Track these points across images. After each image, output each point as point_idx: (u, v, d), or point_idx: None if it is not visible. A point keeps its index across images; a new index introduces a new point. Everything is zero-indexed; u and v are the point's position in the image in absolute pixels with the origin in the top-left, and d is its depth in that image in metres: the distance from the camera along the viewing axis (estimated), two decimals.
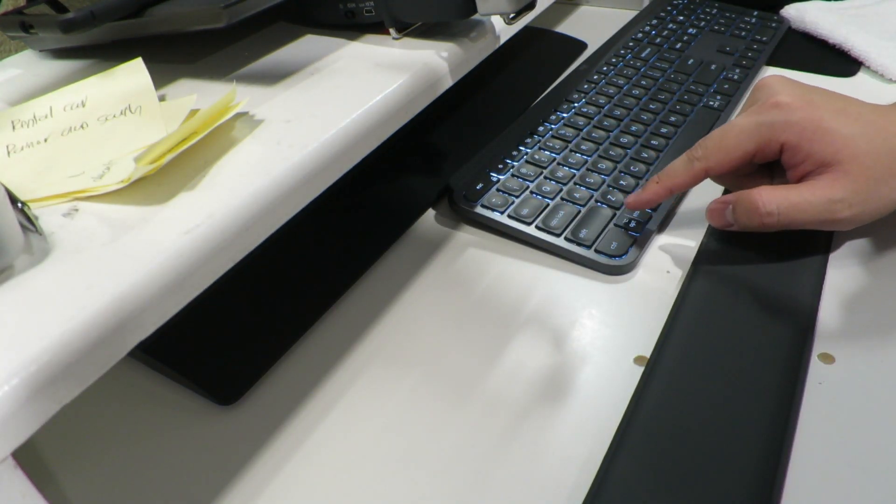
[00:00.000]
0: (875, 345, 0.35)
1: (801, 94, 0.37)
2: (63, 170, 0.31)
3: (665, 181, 0.40)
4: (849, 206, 0.35)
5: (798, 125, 0.36)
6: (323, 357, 0.37)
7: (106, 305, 0.23)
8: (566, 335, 0.37)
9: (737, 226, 0.38)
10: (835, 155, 0.35)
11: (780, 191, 0.37)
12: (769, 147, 0.37)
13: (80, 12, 0.33)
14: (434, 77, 0.39)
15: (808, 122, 0.35)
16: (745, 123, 0.37)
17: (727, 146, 0.37)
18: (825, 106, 0.36)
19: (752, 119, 0.37)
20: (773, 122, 0.36)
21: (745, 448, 0.29)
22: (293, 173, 0.30)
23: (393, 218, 0.46)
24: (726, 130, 0.38)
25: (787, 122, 0.36)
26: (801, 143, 0.36)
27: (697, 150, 0.39)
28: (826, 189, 0.35)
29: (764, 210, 0.36)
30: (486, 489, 0.30)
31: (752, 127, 0.37)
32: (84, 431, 0.34)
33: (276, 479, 0.31)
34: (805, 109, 0.36)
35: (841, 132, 0.35)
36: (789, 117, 0.36)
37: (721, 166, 0.38)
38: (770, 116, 0.36)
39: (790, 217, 0.36)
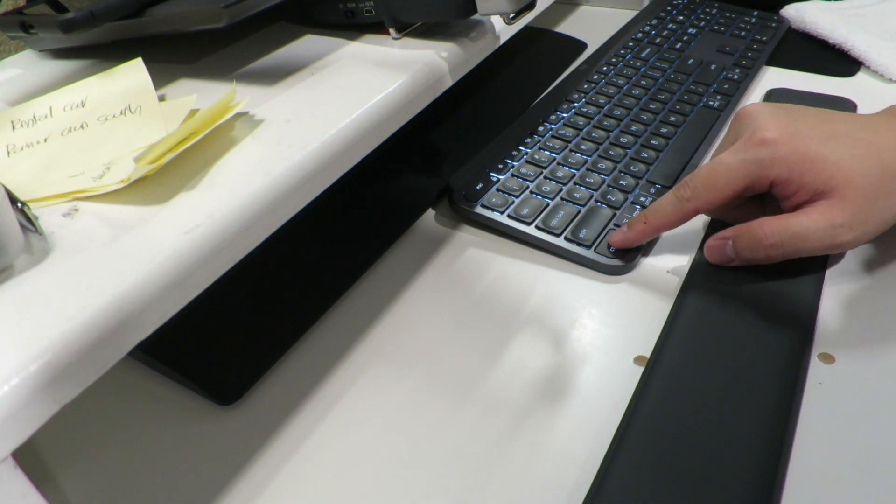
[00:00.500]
0: (875, 345, 0.35)
1: (787, 124, 0.36)
2: (63, 170, 0.31)
3: (652, 221, 0.39)
4: (850, 229, 0.35)
5: (786, 160, 0.35)
6: (323, 357, 0.37)
7: (106, 305, 0.23)
8: (566, 335, 0.37)
9: (738, 260, 0.38)
10: (827, 182, 0.35)
11: (781, 221, 0.36)
12: (759, 183, 0.36)
13: (80, 12, 0.33)
14: (434, 77, 0.39)
15: (796, 154, 0.35)
16: (733, 162, 0.37)
17: (715, 185, 0.37)
18: (811, 134, 0.36)
19: (738, 157, 0.37)
20: (761, 159, 0.36)
21: (745, 448, 0.29)
22: (293, 173, 0.30)
23: (393, 218, 0.46)
24: (713, 169, 0.37)
25: (774, 159, 0.36)
26: (792, 177, 0.35)
27: (686, 190, 0.38)
28: (825, 215, 0.35)
29: (767, 242, 0.36)
30: (486, 489, 0.30)
31: (740, 165, 0.36)
32: (84, 431, 0.34)
33: (276, 479, 0.31)
34: (791, 142, 0.36)
35: (831, 158, 0.35)
36: (776, 153, 0.36)
37: (710, 205, 0.38)
38: (757, 154, 0.36)
39: (794, 246, 0.36)
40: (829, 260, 0.40)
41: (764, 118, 0.37)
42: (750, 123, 0.37)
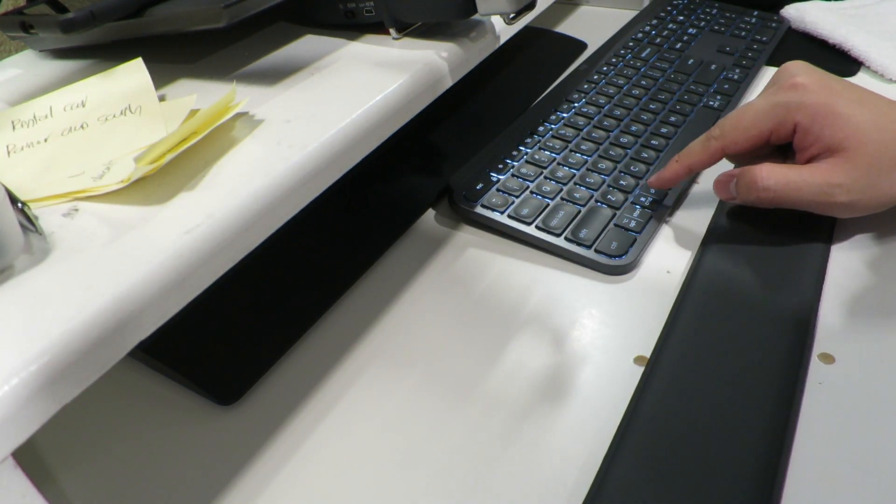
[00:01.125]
0: (875, 345, 0.35)
1: (820, 78, 0.37)
2: (63, 170, 0.31)
3: (684, 160, 0.41)
4: (847, 191, 0.35)
5: (812, 107, 0.36)
6: (323, 357, 0.37)
7: (106, 305, 0.23)
8: (566, 335, 0.37)
9: (738, 198, 0.39)
10: (842, 141, 0.35)
11: (782, 169, 0.37)
12: (783, 127, 0.37)
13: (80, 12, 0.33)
14: (434, 77, 0.39)
15: (821, 105, 0.36)
16: (762, 104, 0.38)
17: (744, 125, 0.38)
18: (842, 93, 0.37)
19: (768, 100, 0.38)
20: (788, 102, 0.37)
21: (745, 448, 0.29)
22: (293, 173, 0.30)
23: (393, 218, 0.46)
24: (743, 110, 0.38)
25: (801, 104, 0.36)
26: (813, 126, 0.36)
27: (715, 130, 0.39)
28: (826, 172, 0.36)
29: (762, 185, 0.37)
30: (486, 489, 0.30)
31: (769, 107, 0.37)
32: (84, 431, 0.34)
33: (276, 479, 0.31)
34: (820, 93, 0.36)
35: (852, 119, 0.35)
36: (804, 98, 0.36)
37: (737, 145, 0.39)
38: (786, 97, 0.37)
39: (786, 195, 0.37)
40: (830, 259, 0.40)
41: (801, 70, 0.38)
42: (786, 73, 0.39)
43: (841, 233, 0.41)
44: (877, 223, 0.42)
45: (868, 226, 0.42)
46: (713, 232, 0.42)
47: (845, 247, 0.41)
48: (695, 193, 0.46)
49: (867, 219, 0.42)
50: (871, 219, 0.42)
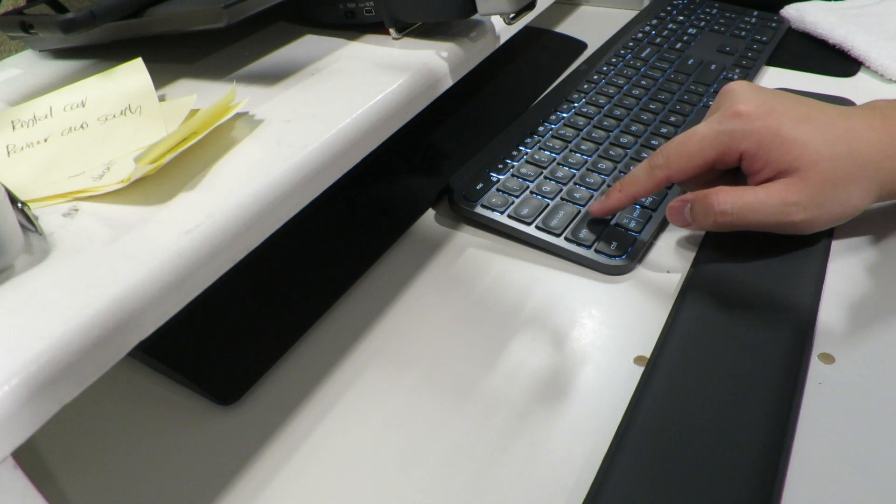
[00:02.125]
0: (875, 345, 0.35)
1: (763, 101, 0.37)
2: (63, 170, 0.31)
3: (628, 188, 0.40)
4: (803, 209, 0.35)
5: (757, 134, 0.36)
6: (323, 357, 0.37)
7: (106, 305, 0.23)
8: (566, 335, 0.37)
9: (694, 225, 0.39)
10: (793, 162, 0.35)
11: (737, 192, 0.37)
12: (729, 155, 0.37)
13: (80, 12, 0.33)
14: (434, 77, 0.39)
15: (766, 130, 0.36)
16: (706, 131, 0.37)
17: (687, 154, 0.38)
18: (787, 113, 0.36)
19: (712, 127, 0.37)
20: (733, 130, 0.36)
21: (745, 448, 0.29)
22: (293, 173, 0.30)
23: (393, 218, 0.46)
24: (687, 138, 0.38)
25: (745, 131, 0.36)
26: (760, 152, 0.36)
27: (658, 158, 0.39)
28: (782, 192, 0.36)
29: (718, 209, 0.37)
30: (486, 489, 0.30)
31: (713, 135, 0.37)
32: (84, 431, 0.34)
33: (276, 479, 0.31)
34: (764, 118, 0.36)
35: (800, 139, 0.35)
36: (748, 126, 0.36)
37: (682, 174, 0.38)
38: (730, 125, 0.37)
39: (744, 217, 0.37)
40: (830, 260, 0.40)
41: (743, 94, 0.38)
42: (729, 97, 0.38)
43: (841, 233, 0.41)
44: (876, 224, 0.42)
45: (868, 227, 0.42)
46: (713, 232, 0.42)
47: (845, 247, 0.41)
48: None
49: (867, 220, 0.42)
50: (871, 220, 0.42)
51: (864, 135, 0.36)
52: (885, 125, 0.36)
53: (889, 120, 0.37)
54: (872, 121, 0.37)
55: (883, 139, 0.36)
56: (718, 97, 0.40)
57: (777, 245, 0.40)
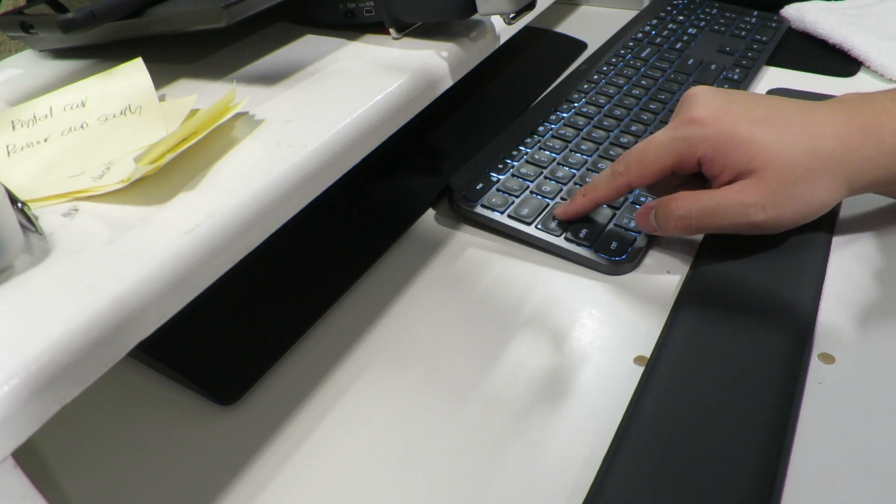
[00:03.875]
0: (875, 345, 0.35)
1: (720, 106, 0.37)
2: (63, 170, 0.31)
3: (591, 194, 0.41)
4: (763, 209, 0.35)
5: (711, 139, 0.36)
6: (323, 357, 0.37)
7: (106, 305, 0.23)
8: (566, 335, 0.37)
9: (660, 230, 0.39)
10: (749, 163, 0.35)
11: (696, 196, 0.37)
12: (687, 161, 0.37)
13: (80, 12, 0.33)
14: (434, 77, 0.39)
15: (721, 134, 0.36)
16: (663, 139, 0.38)
17: (646, 161, 0.38)
18: (742, 115, 0.36)
19: (669, 134, 0.38)
20: (689, 136, 0.37)
21: (745, 448, 0.29)
22: (293, 173, 0.30)
23: (393, 218, 0.46)
24: (646, 145, 0.38)
25: (700, 137, 0.36)
26: (717, 156, 0.36)
27: (620, 165, 0.39)
28: (740, 193, 0.36)
29: (677, 213, 0.37)
30: (486, 489, 0.30)
31: (669, 142, 0.37)
32: (84, 431, 0.34)
33: (276, 479, 0.31)
34: (718, 122, 0.36)
35: (755, 140, 0.35)
36: (703, 132, 0.36)
37: (641, 180, 0.39)
38: (685, 132, 0.37)
39: (704, 221, 0.37)
40: (830, 260, 0.40)
41: (701, 99, 0.38)
42: (687, 103, 0.39)
43: (841, 233, 0.41)
44: (876, 223, 0.42)
45: (868, 226, 0.42)
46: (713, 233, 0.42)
47: (845, 247, 0.41)
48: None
49: (867, 219, 0.42)
50: (871, 219, 0.42)
51: (828, 129, 0.36)
52: (852, 117, 0.36)
53: (856, 112, 0.36)
54: (838, 114, 0.36)
55: (849, 132, 0.36)
56: (679, 103, 0.40)
57: (777, 245, 0.40)
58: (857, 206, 0.43)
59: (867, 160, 0.35)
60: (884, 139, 0.35)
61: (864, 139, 0.35)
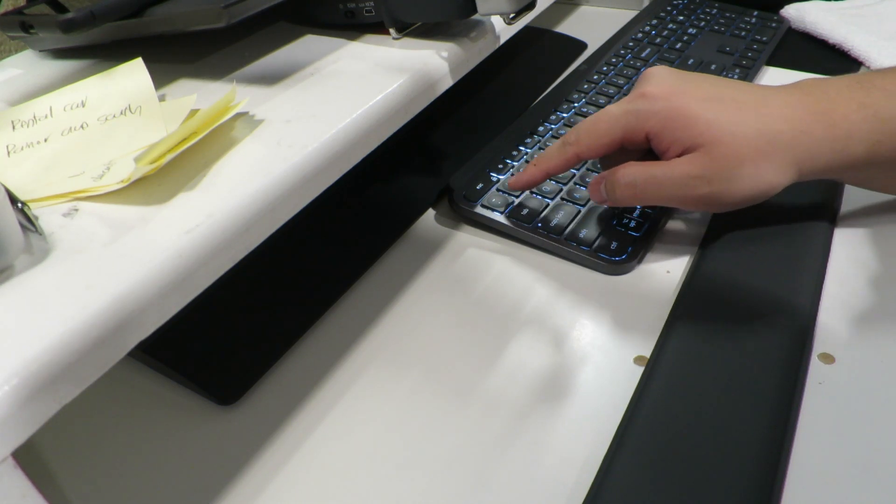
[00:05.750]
0: (875, 345, 0.35)
1: (673, 83, 0.38)
2: (63, 170, 0.31)
3: (541, 164, 0.41)
4: (707, 182, 0.36)
5: (660, 114, 0.37)
6: (323, 357, 0.37)
7: (106, 305, 0.23)
8: (566, 335, 0.37)
9: (609, 200, 0.40)
10: (696, 139, 0.36)
11: (643, 165, 0.38)
12: (636, 134, 0.38)
13: (80, 12, 0.33)
14: (434, 77, 0.39)
15: (669, 110, 0.36)
16: (615, 111, 0.38)
17: (597, 132, 0.39)
18: (694, 93, 0.37)
19: (620, 107, 0.38)
20: (639, 110, 0.37)
21: (745, 448, 0.29)
22: (293, 173, 0.30)
23: (393, 218, 0.46)
24: (597, 117, 0.39)
25: (650, 111, 0.37)
26: (664, 131, 0.37)
27: (571, 136, 0.40)
28: (685, 165, 0.36)
29: (623, 181, 0.38)
30: (486, 489, 0.30)
31: (620, 114, 0.38)
32: (84, 431, 0.34)
33: (276, 479, 0.31)
34: (669, 99, 0.37)
35: (704, 117, 0.36)
36: (652, 107, 0.37)
37: (591, 151, 0.39)
38: (636, 105, 0.38)
39: (648, 190, 0.38)
40: (830, 260, 0.40)
41: (656, 76, 0.38)
42: (643, 80, 0.39)
43: (841, 232, 0.41)
44: (877, 223, 0.42)
45: (868, 225, 0.42)
46: (713, 232, 0.42)
47: (845, 247, 0.41)
48: None
49: (867, 218, 0.42)
50: (871, 219, 0.42)
51: (779, 112, 0.36)
52: (805, 102, 0.36)
53: (810, 97, 0.37)
54: (791, 98, 0.37)
55: (800, 115, 0.36)
56: (637, 80, 0.40)
57: (777, 245, 0.40)
58: (857, 205, 0.43)
59: (817, 144, 0.36)
60: (835, 123, 0.35)
61: (815, 123, 0.36)
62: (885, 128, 0.35)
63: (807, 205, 0.42)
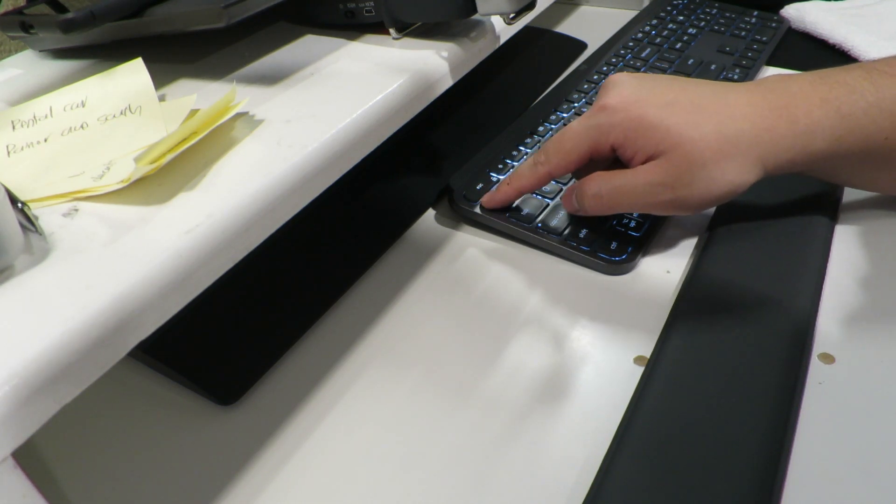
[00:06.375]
0: (875, 345, 0.35)
1: (630, 93, 0.38)
2: (63, 170, 0.31)
3: (514, 183, 0.42)
4: (670, 189, 0.36)
5: (621, 126, 0.37)
6: (323, 357, 0.37)
7: (106, 305, 0.23)
8: (566, 335, 0.37)
9: (581, 210, 0.40)
10: (657, 146, 0.36)
11: (608, 176, 0.39)
12: (602, 147, 0.38)
13: (80, 12, 0.33)
14: (434, 77, 0.39)
15: (629, 121, 0.37)
16: (577, 128, 0.39)
17: (564, 150, 0.39)
18: (651, 101, 0.37)
19: (582, 123, 0.39)
20: (600, 124, 0.38)
21: (745, 448, 0.29)
22: (293, 173, 0.30)
23: (393, 218, 0.46)
24: (563, 134, 0.40)
25: (611, 124, 0.37)
26: (627, 142, 0.37)
27: (541, 155, 0.41)
28: (648, 173, 0.37)
29: (591, 192, 0.39)
30: (486, 489, 0.30)
31: (583, 130, 0.39)
32: (84, 431, 0.34)
33: (276, 479, 0.31)
34: (628, 109, 0.37)
35: (663, 124, 0.36)
36: (612, 119, 0.37)
37: (561, 169, 0.40)
38: (597, 119, 0.38)
39: (616, 199, 0.38)
40: (830, 260, 0.40)
41: (615, 86, 0.39)
42: (603, 91, 0.39)
43: (841, 232, 0.41)
44: (877, 223, 0.42)
45: (868, 225, 0.42)
46: (713, 232, 0.42)
47: (845, 247, 0.41)
48: None
49: (867, 218, 0.42)
50: (871, 219, 0.42)
51: (740, 111, 0.36)
52: (766, 99, 0.37)
53: (773, 93, 0.37)
54: (752, 96, 0.37)
55: (761, 113, 0.36)
56: (599, 90, 0.41)
57: (777, 245, 0.40)
58: (857, 205, 0.43)
59: (780, 140, 0.36)
60: (797, 119, 0.36)
61: (777, 119, 0.36)
62: (847, 123, 0.36)
63: (807, 205, 0.42)
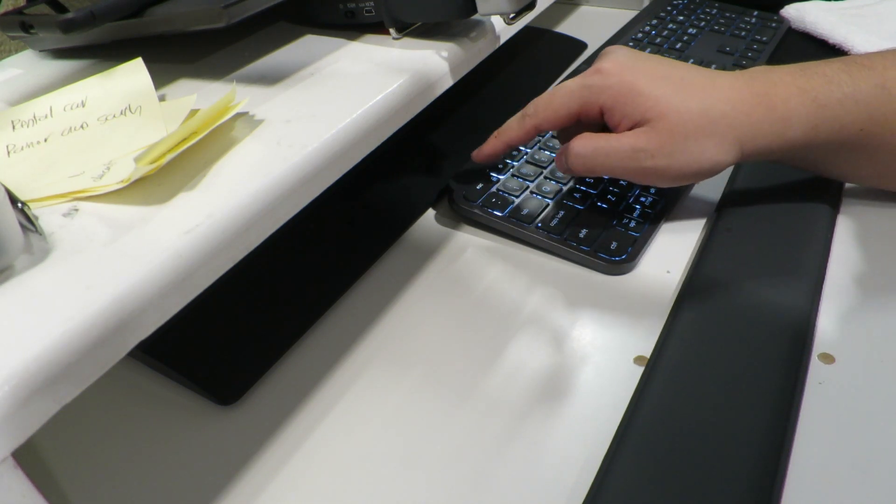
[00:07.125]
0: (875, 345, 0.35)
1: (626, 61, 0.39)
2: (63, 170, 0.31)
3: (502, 136, 0.43)
4: (652, 156, 0.37)
5: (613, 89, 0.38)
6: (323, 357, 0.37)
7: (106, 305, 0.23)
8: (566, 335, 0.37)
9: (569, 171, 0.41)
10: (644, 114, 0.37)
11: (593, 137, 0.39)
12: (590, 108, 0.39)
13: (80, 12, 0.33)
14: (434, 77, 0.39)
15: (621, 85, 0.38)
16: (571, 85, 0.40)
17: (554, 106, 0.40)
18: (645, 72, 0.38)
19: (576, 82, 0.40)
20: (593, 85, 0.39)
21: (745, 448, 0.29)
22: (293, 173, 0.30)
23: (393, 218, 0.46)
24: (555, 91, 0.41)
25: (603, 86, 0.38)
26: (616, 106, 0.38)
27: (530, 108, 0.42)
28: (631, 138, 0.38)
29: (574, 152, 0.40)
30: (486, 489, 0.30)
31: (576, 89, 0.40)
32: (84, 431, 0.34)
33: (276, 479, 0.31)
34: (621, 74, 0.38)
35: (653, 94, 0.37)
36: (605, 82, 0.38)
37: (549, 123, 0.41)
38: (591, 80, 0.39)
39: (596, 160, 0.39)
40: (830, 260, 0.40)
41: (613, 54, 0.40)
42: (600, 57, 0.41)
43: (842, 232, 0.41)
44: (877, 222, 0.42)
45: (868, 224, 0.42)
46: (713, 231, 0.42)
47: (845, 246, 0.41)
48: (693, 193, 0.47)
49: (868, 218, 0.42)
50: (872, 218, 0.42)
51: (724, 94, 0.37)
52: (749, 85, 0.38)
53: (755, 82, 0.38)
54: (736, 82, 0.38)
55: (742, 97, 0.37)
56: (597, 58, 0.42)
57: (777, 245, 0.40)
58: (857, 205, 0.43)
59: (757, 124, 0.37)
60: (775, 106, 0.37)
61: (756, 105, 0.37)
62: (823, 113, 0.37)
63: (807, 204, 0.42)
